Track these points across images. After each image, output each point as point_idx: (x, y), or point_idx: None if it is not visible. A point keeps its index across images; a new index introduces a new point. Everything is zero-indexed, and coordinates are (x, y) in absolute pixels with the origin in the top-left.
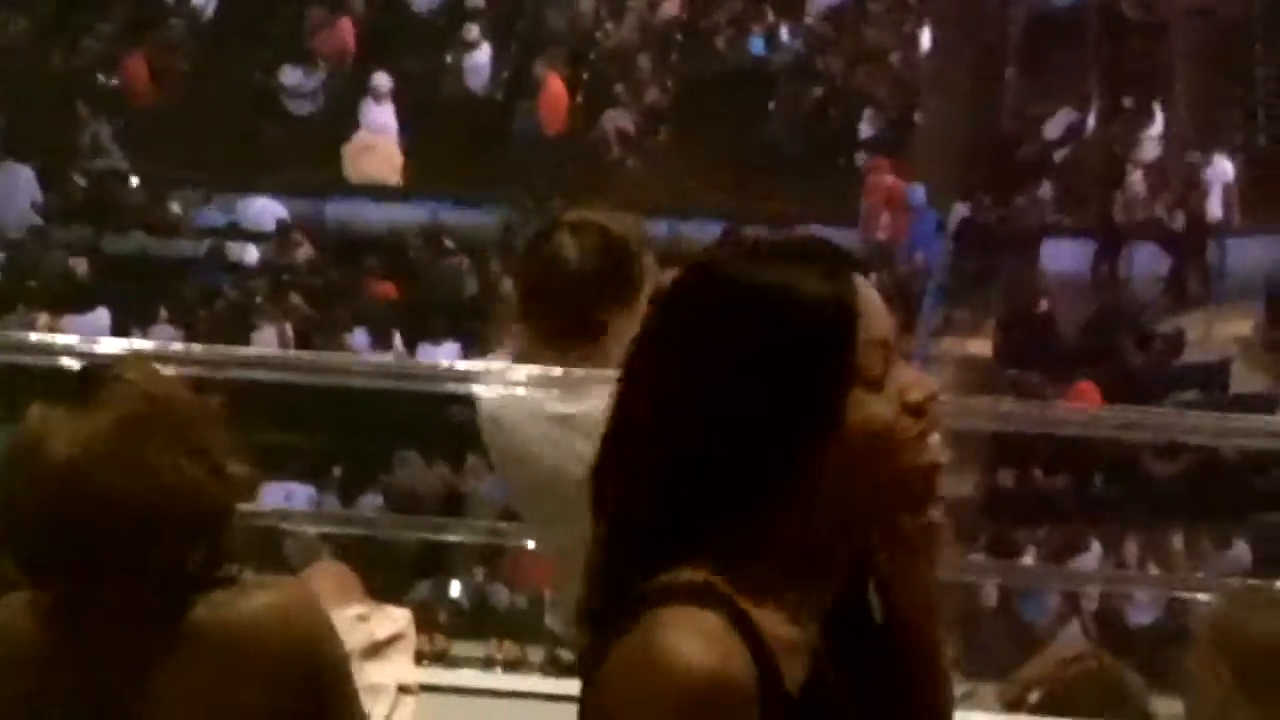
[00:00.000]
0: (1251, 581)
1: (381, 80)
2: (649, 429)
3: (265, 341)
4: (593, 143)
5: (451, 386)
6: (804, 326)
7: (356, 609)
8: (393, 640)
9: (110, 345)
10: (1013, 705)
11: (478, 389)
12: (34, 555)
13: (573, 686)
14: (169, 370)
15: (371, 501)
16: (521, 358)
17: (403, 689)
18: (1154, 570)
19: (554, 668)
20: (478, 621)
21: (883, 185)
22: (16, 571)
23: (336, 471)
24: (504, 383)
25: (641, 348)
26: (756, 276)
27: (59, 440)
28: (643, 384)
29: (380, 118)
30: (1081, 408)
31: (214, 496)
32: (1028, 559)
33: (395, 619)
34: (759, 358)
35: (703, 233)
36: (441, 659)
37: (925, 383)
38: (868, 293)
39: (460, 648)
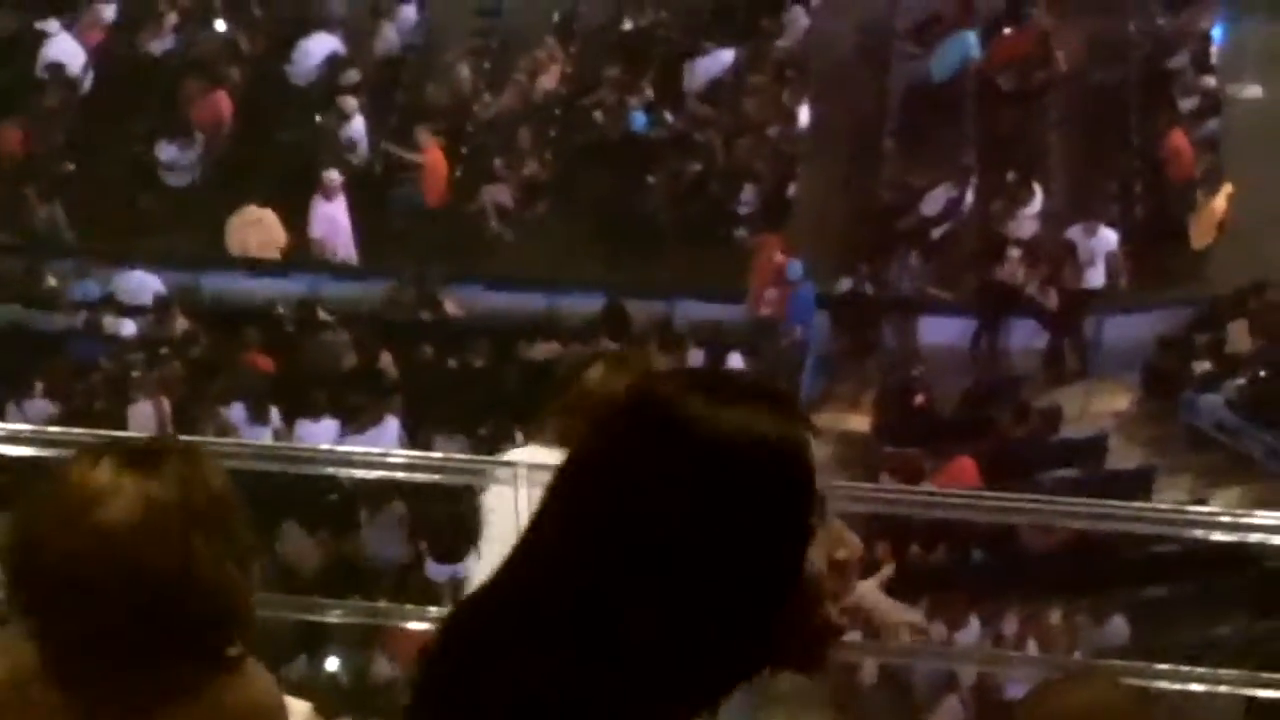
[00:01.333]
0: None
1: (333, 175)
2: (569, 570)
3: (142, 415)
4: (472, 215)
5: (330, 470)
6: (780, 480)
7: None
8: None
9: None
10: None
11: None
12: (51, 607)
13: None
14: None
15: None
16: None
17: None
18: (1033, 644)
19: None
20: (356, 698)
21: (770, 261)
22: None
23: None
24: (383, 467)
25: (577, 477)
26: (722, 422)
27: (120, 503)
28: (576, 519)
29: (329, 212)
30: (961, 490)
31: (240, 592)
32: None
33: (297, 712)
34: (728, 511)
35: (581, 305)
36: None
37: (853, 543)
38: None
39: None
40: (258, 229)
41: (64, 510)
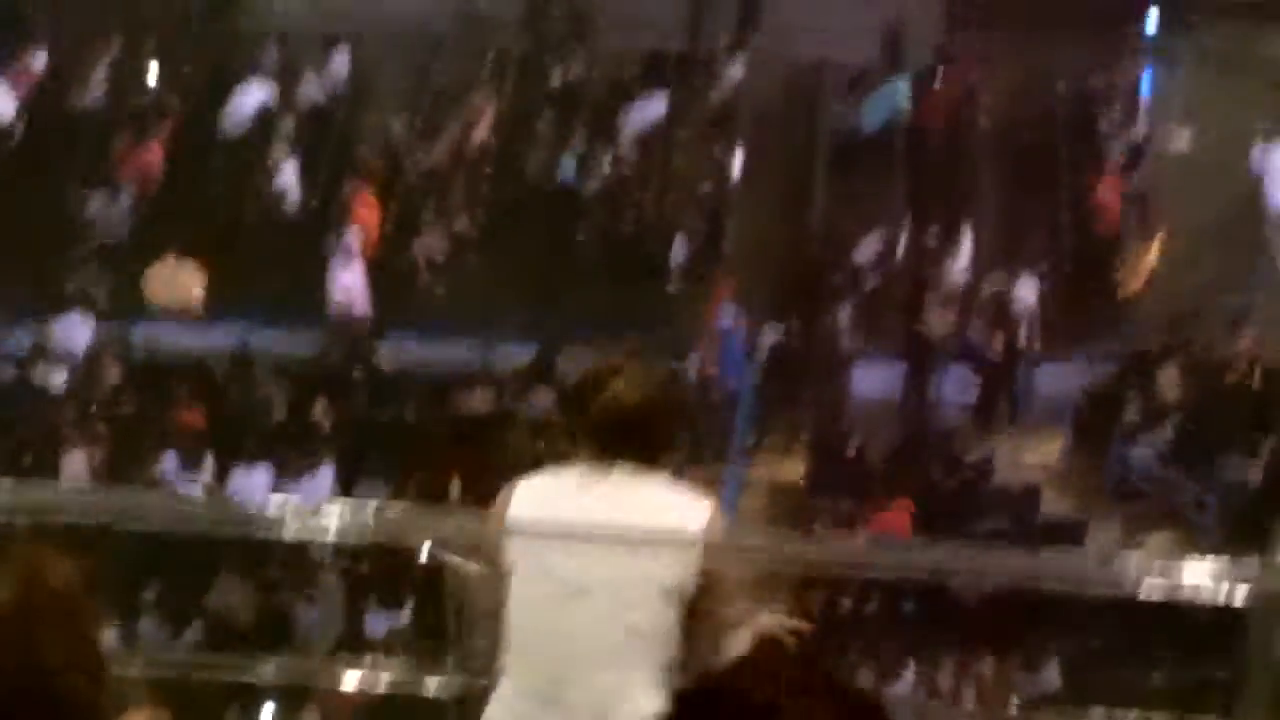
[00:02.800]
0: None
1: (350, 238)
2: None
3: (73, 466)
4: (402, 267)
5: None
6: None
7: None
8: None
9: None
10: None
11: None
12: None
13: None
14: None
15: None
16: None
17: None
18: (968, 693)
19: None
20: None
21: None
22: None
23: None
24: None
25: None
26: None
27: None
28: None
29: (348, 278)
30: (893, 544)
31: (92, 685)
32: None
33: None
34: None
35: (513, 356)
36: None
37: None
38: None
39: None
40: (172, 280)
41: None
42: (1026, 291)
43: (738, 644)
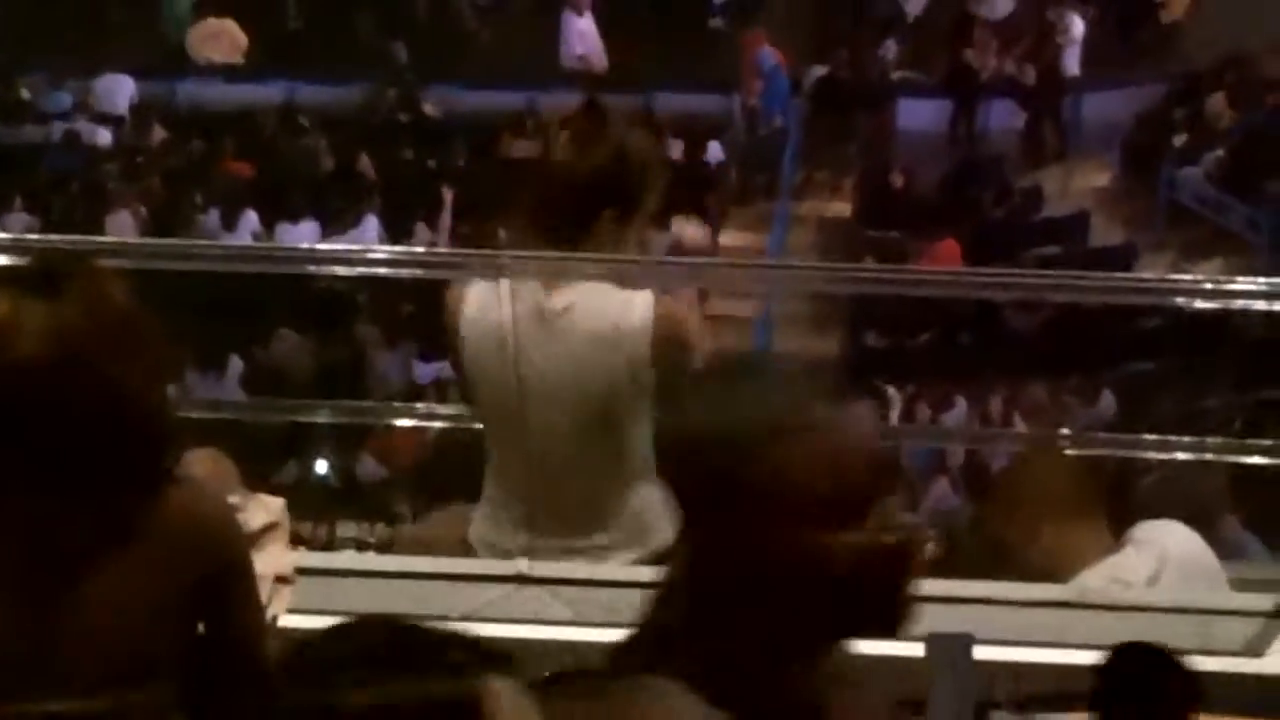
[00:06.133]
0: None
1: None
2: None
3: (120, 225)
4: (449, 15)
5: (312, 269)
6: None
7: (231, 498)
8: (267, 530)
9: None
10: None
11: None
12: None
13: (450, 565)
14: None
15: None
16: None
17: (279, 579)
18: (1019, 423)
19: None
20: (346, 499)
21: (754, 54)
22: None
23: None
24: (364, 264)
25: None
26: None
27: (31, 336)
28: None
29: (581, 27)
30: (943, 270)
31: (164, 409)
32: (894, 416)
33: (269, 508)
34: None
35: (559, 102)
36: (329, 547)
37: None
38: None
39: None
40: (217, 40)
41: None
42: (1073, 19)
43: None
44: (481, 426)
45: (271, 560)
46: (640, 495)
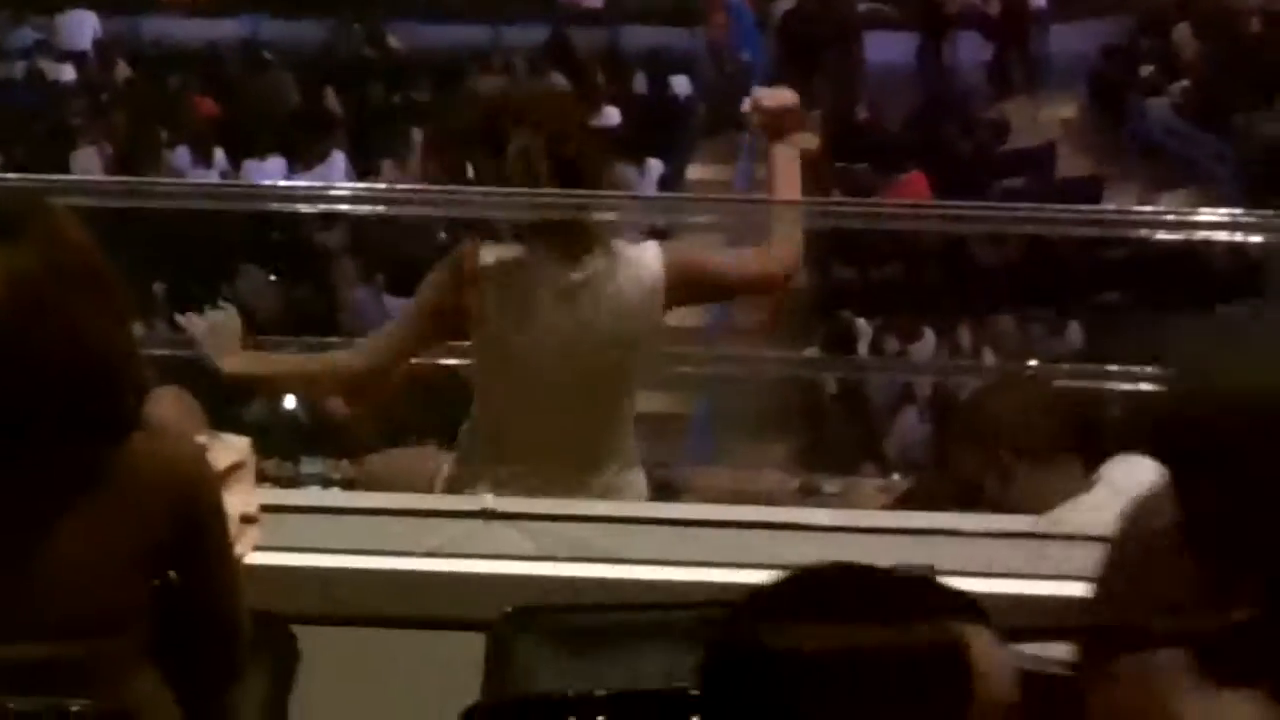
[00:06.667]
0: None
1: None
2: None
3: (85, 162)
4: None
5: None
6: None
7: (197, 438)
8: (233, 469)
9: None
10: None
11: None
12: None
13: (416, 500)
14: None
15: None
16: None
17: (245, 519)
18: (988, 354)
19: None
20: (313, 436)
21: None
22: None
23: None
24: (326, 201)
25: None
26: None
27: None
28: None
29: None
30: (910, 202)
31: (127, 351)
32: (862, 349)
33: (235, 447)
34: None
35: (524, 37)
36: (293, 484)
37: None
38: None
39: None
40: None
41: None
42: None
43: None
44: (467, 363)
45: (238, 501)
46: (618, 465)
